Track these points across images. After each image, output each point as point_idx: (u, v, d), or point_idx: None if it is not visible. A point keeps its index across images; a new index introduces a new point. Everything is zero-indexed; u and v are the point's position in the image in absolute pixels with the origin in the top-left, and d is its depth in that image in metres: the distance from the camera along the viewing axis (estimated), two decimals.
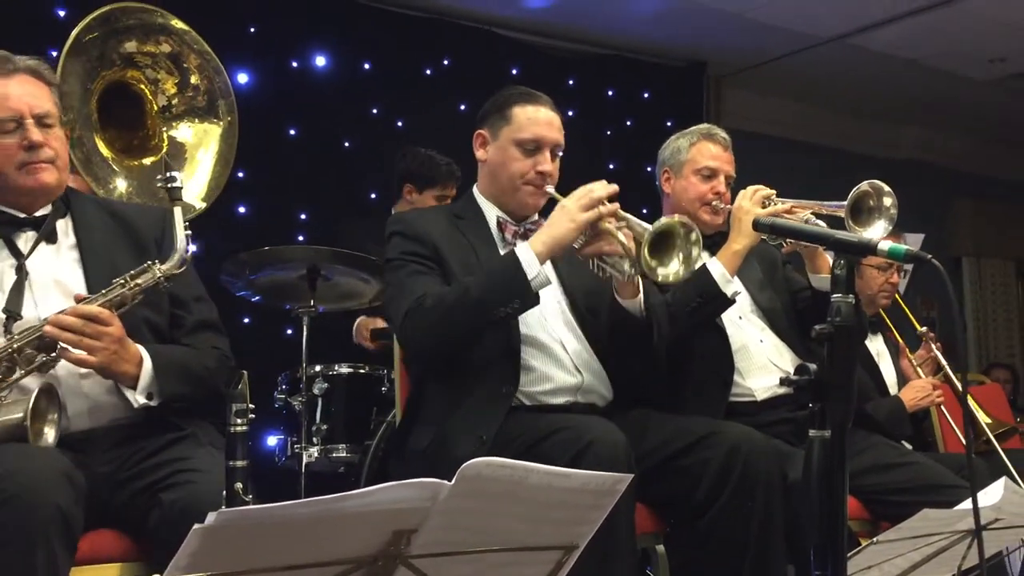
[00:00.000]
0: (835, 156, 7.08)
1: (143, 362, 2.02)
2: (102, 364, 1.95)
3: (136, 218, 2.25)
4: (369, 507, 1.15)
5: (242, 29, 4.77)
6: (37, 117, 2.08)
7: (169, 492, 1.89)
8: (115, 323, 1.97)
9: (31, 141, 2.06)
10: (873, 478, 2.62)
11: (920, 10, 5.50)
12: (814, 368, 1.49)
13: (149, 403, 2.02)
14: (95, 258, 2.13)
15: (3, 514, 1.66)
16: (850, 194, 2.54)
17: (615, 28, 5.72)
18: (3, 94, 2.07)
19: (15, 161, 2.07)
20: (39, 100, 2.10)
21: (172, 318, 2.19)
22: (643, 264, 2.18)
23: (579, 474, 1.32)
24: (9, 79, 2.09)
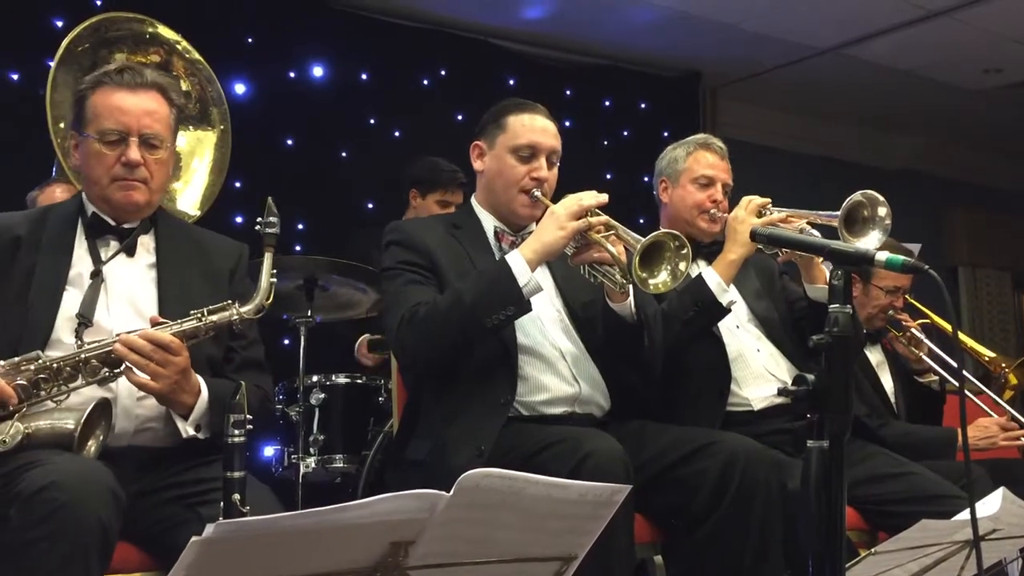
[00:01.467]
0: (830, 166, 7.10)
1: (200, 394, 2.04)
2: (163, 392, 1.98)
3: (213, 248, 2.30)
4: (367, 518, 1.14)
5: (240, 40, 4.78)
6: (143, 137, 2.11)
7: (207, 508, 1.90)
8: (184, 354, 1.99)
9: (128, 159, 2.09)
10: (871, 488, 2.62)
11: (915, 21, 5.52)
12: (812, 378, 1.49)
13: (196, 435, 2.04)
14: (169, 278, 2.17)
15: (51, 523, 1.67)
16: (843, 204, 2.54)
17: (612, 39, 5.74)
18: (119, 106, 2.11)
19: (110, 174, 2.11)
20: (152, 120, 2.13)
21: (226, 351, 2.22)
22: (633, 274, 2.19)
23: (577, 485, 1.31)
24: (133, 92, 2.13)
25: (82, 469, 1.78)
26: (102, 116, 2.11)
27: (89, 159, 2.13)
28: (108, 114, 2.11)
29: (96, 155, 2.11)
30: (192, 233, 2.34)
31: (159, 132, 2.14)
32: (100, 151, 2.11)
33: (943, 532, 1.76)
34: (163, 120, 2.16)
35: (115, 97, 2.12)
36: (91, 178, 2.15)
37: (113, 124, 2.10)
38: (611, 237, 2.28)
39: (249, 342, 2.26)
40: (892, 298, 3.34)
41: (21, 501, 1.70)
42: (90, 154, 2.13)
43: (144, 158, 2.11)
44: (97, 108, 2.12)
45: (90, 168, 2.14)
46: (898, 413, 3.37)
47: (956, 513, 1.89)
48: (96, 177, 2.13)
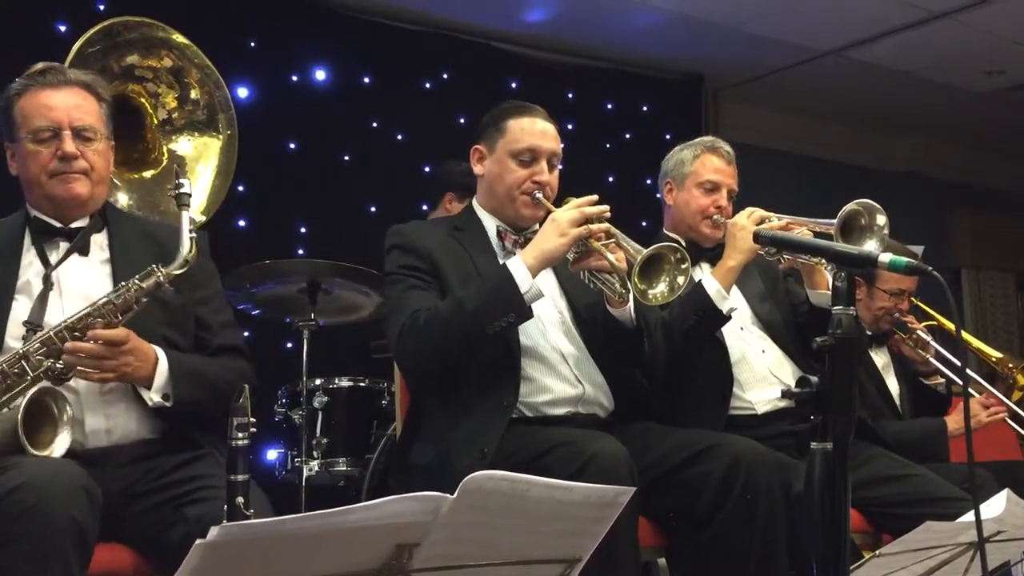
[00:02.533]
0: (832, 168, 7.09)
1: (158, 362, 2.03)
2: (120, 377, 1.99)
3: (167, 239, 2.24)
4: (371, 521, 1.14)
5: (242, 43, 4.78)
6: (76, 129, 2.11)
7: (194, 507, 1.90)
8: (130, 338, 1.99)
9: (64, 152, 2.08)
10: (875, 490, 2.61)
11: (917, 23, 5.52)
12: (816, 380, 1.49)
13: (165, 404, 2.03)
14: (125, 276, 2.12)
15: (21, 525, 1.67)
16: (839, 213, 2.54)
17: (614, 42, 5.74)
18: (47, 104, 2.11)
19: (48, 169, 2.10)
20: (82, 113, 2.13)
21: (196, 340, 2.20)
22: (632, 285, 2.19)
23: (581, 487, 1.31)
24: (57, 90, 2.13)
25: (52, 469, 1.78)
26: (31, 116, 2.11)
27: (25, 161, 2.12)
28: (37, 113, 2.10)
29: (31, 155, 2.11)
30: (145, 225, 2.33)
31: (91, 124, 2.13)
32: (35, 150, 2.10)
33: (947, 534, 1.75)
34: (93, 113, 2.15)
35: (41, 96, 2.12)
36: (30, 179, 2.13)
37: (43, 121, 2.09)
38: (611, 245, 2.28)
39: (221, 325, 2.25)
40: (897, 301, 3.33)
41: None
42: (26, 155, 2.12)
43: (80, 150, 2.10)
44: (25, 110, 2.12)
45: (27, 169, 2.13)
46: (903, 415, 3.36)
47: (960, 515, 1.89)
48: (34, 176, 2.11)
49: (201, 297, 2.24)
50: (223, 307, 2.30)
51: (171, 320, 2.15)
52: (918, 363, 3.44)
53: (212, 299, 2.26)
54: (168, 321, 2.14)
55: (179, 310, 2.18)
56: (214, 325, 2.23)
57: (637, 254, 2.21)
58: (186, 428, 2.10)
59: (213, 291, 2.28)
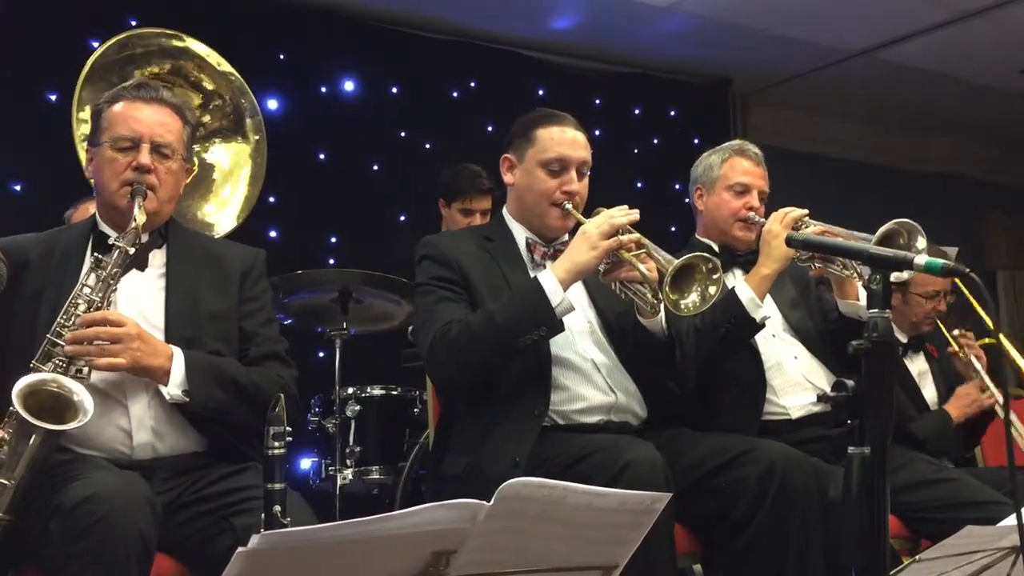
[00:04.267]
0: (864, 170, 7.04)
1: (174, 356, 2.04)
2: (130, 364, 1.97)
3: (227, 254, 2.32)
4: (409, 528, 1.15)
5: (272, 56, 4.84)
6: (155, 145, 2.15)
7: (242, 517, 1.92)
8: (124, 319, 2.00)
9: (139, 163, 2.12)
10: (913, 495, 2.59)
11: (947, 22, 5.46)
12: (852, 384, 1.48)
13: (184, 399, 2.03)
14: (176, 287, 2.18)
15: (91, 535, 1.69)
16: (879, 230, 2.51)
17: (640, 47, 5.74)
18: (134, 116, 2.16)
19: (120, 179, 2.13)
20: (164, 130, 2.17)
21: (239, 352, 2.22)
22: (664, 296, 2.19)
23: (617, 493, 1.31)
24: (147, 104, 2.18)
25: (119, 481, 1.80)
26: (116, 124, 2.15)
27: (101, 165, 2.16)
28: (122, 122, 2.15)
29: (108, 160, 2.14)
30: (207, 243, 2.36)
31: (171, 142, 2.17)
32: (112, 157, 2.14)
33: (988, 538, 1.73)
34: (175, 132, 2.20)
35: (130, 107, 2.17)
36: (101, 184, 2.17)
37: (126, 131, 2.14)
38: (642, 255, 2.27)
39: (261, 336, 2.26)
40: (934, 303, 3.29)
41: (61, 514, 1.72)
42: (102, 160, 2.15)
43: (155, 165, 2.13)
44: (112, 118, 2.16)
45: (101, 174, 2.16)
46: None
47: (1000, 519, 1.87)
48: (106, 182, 2.15)
49: (248, 310, 2.26)
50: (269, 321, 2.32)
51: (219, 333, 2.18)
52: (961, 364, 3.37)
53: (259, 312, 2.28)
54: (217, 334, 2.17)
55: (227, 322, 2.21)
56: (257, 335, 2.25)
57: (668, 264, 2.20)
58: (231, 441, 2.12)
59: (260, 304, 2.30)
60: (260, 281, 2.32)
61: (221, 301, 2.21)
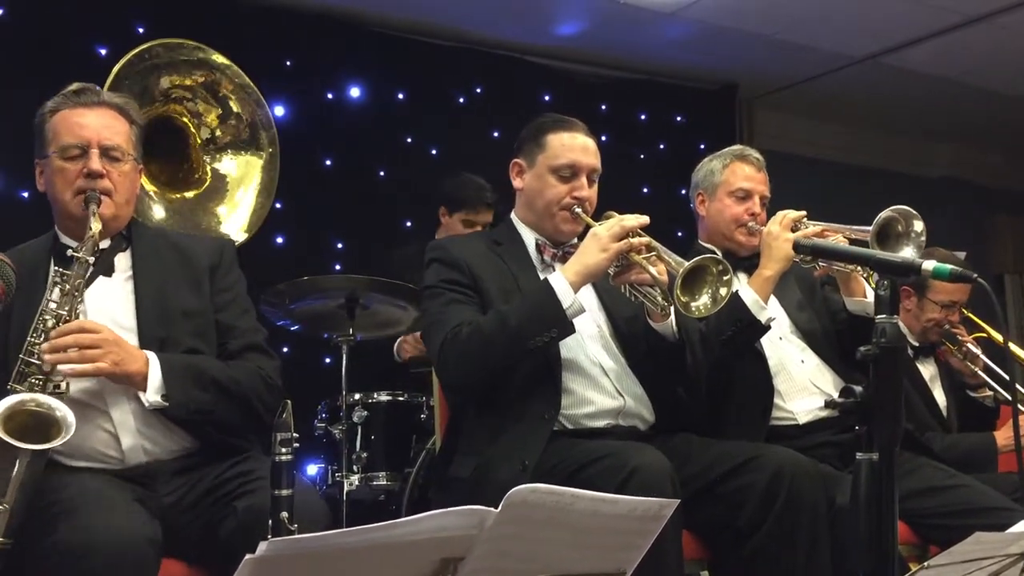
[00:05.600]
0: (870, 176, 7.02)
1: (150, 361, 2.02)
2: (111, 368, 1.95)
3: (193, 249, 2.28)
4: (417, 535, 1.15)
5: (279, 63, 4.85)
6: (104, 148, 2.12)
7: (242, 500, 1.91)
8: (102, 328, 1.98)
9: (90, 169, 2.09)
10: (921, 501, 2.57)
11: (953, 28, 5.46)
12: (860, 390, 1.48)
13: (163, 404, 2.00)
14: (146, 289, 2.15)
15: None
16: (876, 220, 2.51)
17: (646, 53, 5.74)
18: (78, 122, 2.13)
19: (73, 187, 2.10)
20: (111, 133, 2.14)
21: (219, 347, 2.20)
22: (675, 298, 2.19)
23: (625, 500, 1.31)
24: (90, 109, 2.15)
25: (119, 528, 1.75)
26: (61, 133, 2.12)
27: (52, 178, 2.13)
28: (67, 130, 2.12)
29: (58, 171, 2.12)
30: (170, 238, 2.32)
31: (119, 144, 2.15)
32: (61, 166, 2.11)
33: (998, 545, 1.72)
34: (122, 134, 2.17)
35: (73, 114, 2.14)
36: (55, 196, 2.14)
37: (72, 139, 2.11)
38: (652, 258, 2.28)
39: (240, 332, 2.23)
40: (947, 312, 3.28)
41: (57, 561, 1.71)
42: (52, 172, 2.13)
43: (107, 169, 2.11)
44: (56, 128, 2.13)
45: (53, 186, 2.14)
46: (951, 428, 3.30)
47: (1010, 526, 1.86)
48: (59, 193, 2.12)
49: (222, 302, 2.24)
50: (245, 310, 2.29)
51: (196, 330, 2.16)
52: (966, 376, 3.38)
53: (233, 303, 2.25)
54: (194, 331, 2.15)
55: (201, 319, 2.18)
56: (235, 328, 2.23)
57: (679, 267, 2.20)
58: (223, 438, 2.10)
59: (234, 295, 2.27)
60: (231, 271, 2.29)
61: (193, 298, 2.19)
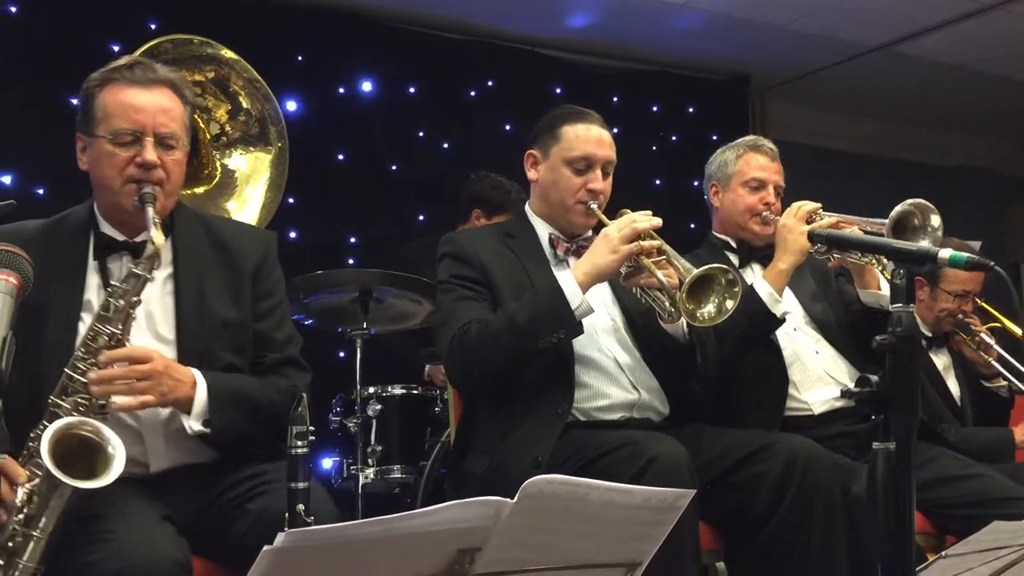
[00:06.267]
0: (885, 165, 6.98)
1: (196, 384, 1.93)
2: (158, 400, 1.87)
3: (236, 247, 2.14)
4: (434, 526, 1.15)
5: (291, 58, 4.86)
6: (159, 136, 1.98)
7: (255, 501, 1.88)
8: (153, 354, 1.88)
9: (144, 160, 1.96)
10: (938, 491, 2.56)
11: (968, 15, 5.42)
12: (876, 379, 1.47)
13: (205, 431, 1.93)
14: (188, 297, 2.04)
15: None
16: (892, 212, 2.50)
17: (658, 44, 5.72)
18: (132, 104, 1.98)
19: (123, 175, 1.97)
20: (167, 119, 2.00)
21: (253, 359, 2.10)
22: (680, 304, 2.19)
23: (641, 490, 1.31)
24: (145, 89, 2.00)
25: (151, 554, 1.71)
26: (114, 115, 1.97)
27: (100, 162, 1.98)
28: (120, 112, 1.97)
29: (108, 156, 1.97)
30: (214, 230, 2.16)
31: (175, 131, 2.00)
32: (112, 152, 1.96)
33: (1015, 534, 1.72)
34: (178, 118, 2.02)
35: (127, 94, 1.98)
36: (102, 183, 2.00)
37: (126, 123, 1.96)
38: (662, 262, 2.27)
39: (277, 345, 2.14)
40: (961, 302, 3.26)
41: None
42: (101, 156, 1.98)
43: (160, 158, 1.97)
44: (108, 107, 1.98)
45: (101, 170, 1.99)
46: (965, 419, 3.29)
47: None
48: (107, 180, 1.98)
49: (263, 309, 2.13)
50: (283, 319, 2.18)
51: (233, 344, 2.06)
52: (980, 365, 3.37)
53: (273, 311, 2.15)
54: (230, 345, 2.05)
55: (240, 330, 2.08)
56: (272, 340, 2.13)
57: (688, 273, 2.20)
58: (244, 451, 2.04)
59: (275, 301, 2.17)
60: (274, 270, 2.19)
61: (233, 308, 2.07)
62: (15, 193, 4.20)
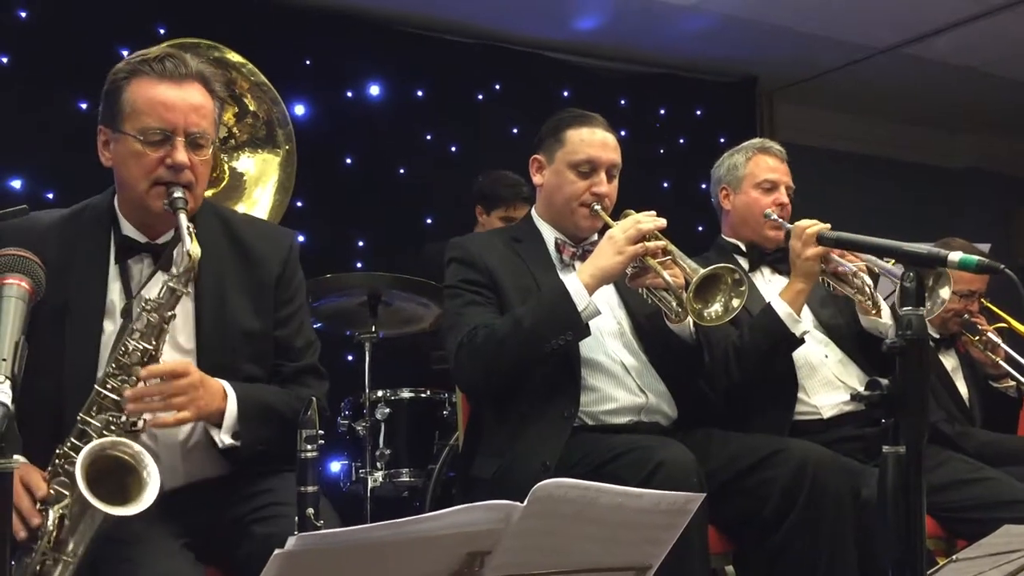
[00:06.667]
0: (893, 167, 6.97)
1: (227, 397, 1.89)
2: (194, 416, 1.83)
3: (257, 253, 2.07)
4: (444, 529, 1.15)
5: (298, 62, 4.87)
6: (190, 136, 1.90)
7: (261, 525, 1.85)
8: (191, 368, 1.83)
9: (175, 161, 1.87)
10: (948, 495, 2.56)
11: (977, 16, 5.40)
12: (886, 382, 1.47)
13: (235, 443, 1.89)
14: (209, 306, 1.97)
15: None
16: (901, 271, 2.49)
17: (665, 47, 5.72)
18: (163, 101, 1.88)
19: (151, 176, 1.88)
20: (199, 117, 1.91)
21: (273, 367, 2.06)
22: (687, 303, 2.19)
23: (651, 494, 1.31)
24: (177, 86, 1.90)
25: None
26: (142, 112, 1.87)
27: (127, 159, 1.89)
28: (150, 110, 1.87)
29: (135, 155, 1.88)
30: (235, 231, 2.07)
31: (205, 129, 1.92)
32: (141, 152, 1.88)
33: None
34: (209, 115, 1.94)
35: (158, 90, 1.88)
36: (127, 181, 1.92)
37: (156, 122, 1.87)
38: (668, 263, 2.27)
39: (297, 353, 2.09)
40: (967, 302, 3.26)
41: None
42: (128, 154, 1.89)
43: (189, 158, 1.88)
44: (137, 102, 1.88)
45: (127, 169, 1.90)
46: (975, 419, 3.28)
47: None
48: (133, 180, 1.89)
49: (284, 316, 2.08)
50: (303, 325, 2.12)
51: (254, 354, 2.01)
52: (988, 366, 3.36)
53: (293, 317, 2.09)
54: (251, 356, 2.00)
55: (261, 341, 2.03)
56: (292, 348, 2.08)
57: (694, 273, 2.20)
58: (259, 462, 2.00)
59: (296, 307, 2.11)
60: (295, 275, 2.12)
61: (255, 318, 2.01)
62: (24, 197, 4.21)
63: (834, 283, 2.66)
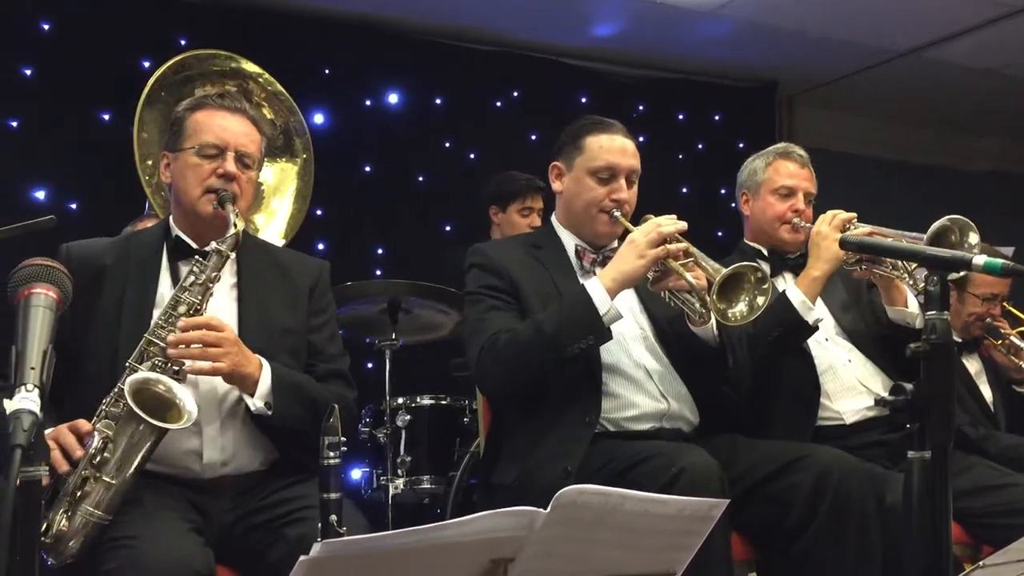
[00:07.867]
0: (912, 171, 6.93)
1: (263, 367, 2.06)
2: (229, 369, 1.99)
3: (294, 267, 2.32)
4: (468, 536, 1.16)
5: (317, 71, 4.90)
6: (239, 154, 2.17)
7: (293, 527, 1.92)
8: (227, 326, 2.03)
9: (225, 171, 2.14)
10: (975, 500, 2.54)
11: (996, 19, 5.37)
12: (911, 388, 1.46)
13: (266, 412, 2.04)
14: (250, 300, 2.19)
15: None
16: (931, 228, 2.47)
17: (683, 52, 5.71)
18: (221, 124, 2.18)
19: (203, 185, 2.14)
20: (248, 141, 2.20)
21: (306, 367, 2.22)
22: (711, 304, 2.18)
23: (674, 500, 1.31)
24: (233, 115, 2.21)
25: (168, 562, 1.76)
26: (202, 131, 2.17)
27: (184, 171, 2.16)
28: (208, 129, 2.17)
29: (192, 167, 2.15)
30: (274, 254, 2.37)
31: (253, 153, 2.20)
32: (197, 163, 2.15)
33: None
34: (256, 143, 2.23)
35: (216, 116, 2.20)
36: (182, 190, 2.17)
37: (213, 138, 2.16)
38: (689, 264, 2.27)
39: (329, 353, 2.28)
40: (989, 306, 3.24)
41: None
42: (185, 166, 2.16)
43: (237, 174, 2.15)
44: (198, 125, 2.18)
45: (183, 179, 2.17)
46: (999, 423, 3.26)
47: None
48: (188, 188, 2.15)
49: (317, 324, 2.28)
50: (334, 335, 2.33)
51: (291, 347, 2.19)
52: (1011, 370, 3.34)
53: (326, 326, 2.30)
54: (288, 348, 2.18)
55: (297, 338, 2.22)
56: (324, 352, 2.26)
57: (716, 273, 2.19)
58: (295, 456, 2.12)
59: (327, 318, 2.32)
60: (326, 294, 2.35)
61: (292, 317, 2.22)
62: (49, 208, 4.25)
63: (867, 265, 2.64)
